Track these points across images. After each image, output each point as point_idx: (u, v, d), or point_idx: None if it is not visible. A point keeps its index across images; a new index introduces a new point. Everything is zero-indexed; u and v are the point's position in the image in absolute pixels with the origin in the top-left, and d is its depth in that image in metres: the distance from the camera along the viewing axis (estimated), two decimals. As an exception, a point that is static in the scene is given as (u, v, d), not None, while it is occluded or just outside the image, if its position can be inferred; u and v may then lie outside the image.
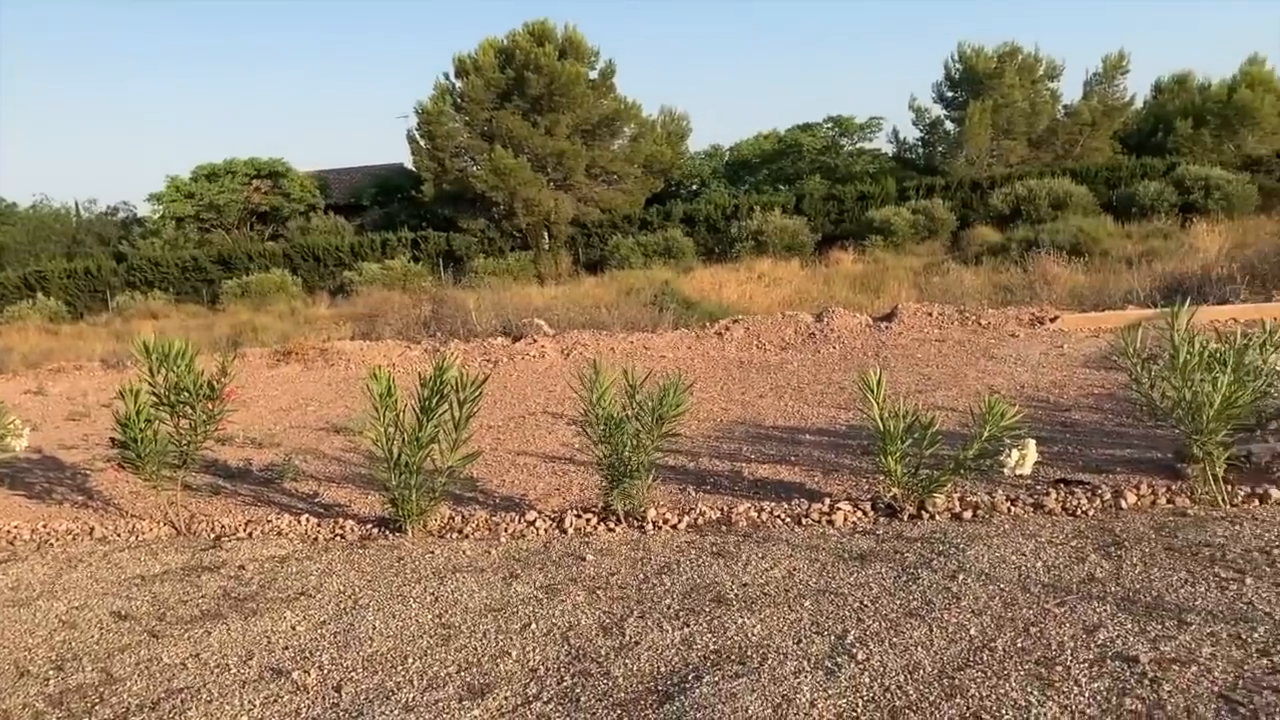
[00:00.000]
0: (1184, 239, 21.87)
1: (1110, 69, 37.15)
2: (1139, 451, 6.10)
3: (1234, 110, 36.20)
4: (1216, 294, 12.21)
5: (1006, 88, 35.27)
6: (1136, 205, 29.39)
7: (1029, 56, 36.74)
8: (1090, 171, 32.32)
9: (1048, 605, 3.78)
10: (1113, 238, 25.46)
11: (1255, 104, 35.93)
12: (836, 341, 11.21)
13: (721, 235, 31.50)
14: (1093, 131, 36.45)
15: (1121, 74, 37.31)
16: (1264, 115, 36.14)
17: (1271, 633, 3.37)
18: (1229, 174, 30.58)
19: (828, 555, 4.63)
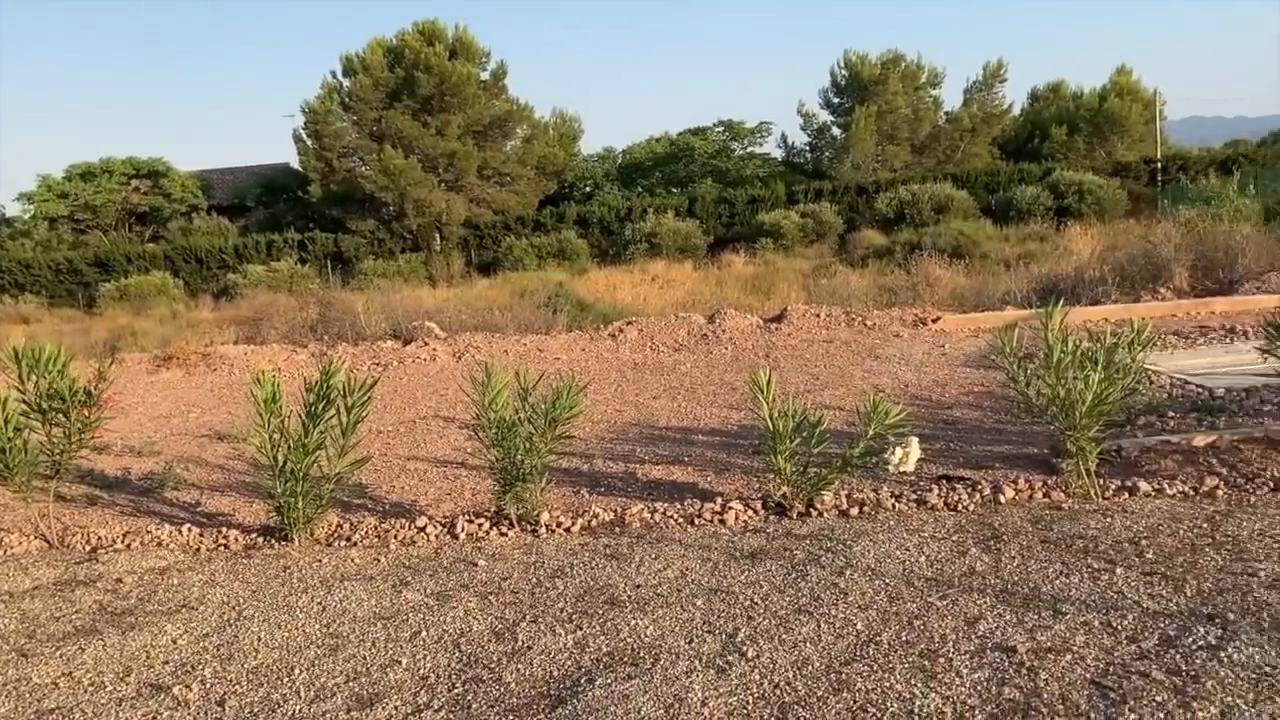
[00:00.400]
0: (1059, 242, 22.70)
1: (989, 77, 38.40)
2: (1017, 447, 6.32)
3: (1104, 118, 37.78)
4: (1089, 295, 12.73)
5: (890, 94, 36.15)
6: (1014, 209, 30.43)
7: (912, 64, 37.75)
8: (971, 176, 33.34)
9: (931, 599, 3.88)
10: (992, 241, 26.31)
11: (1124, 112, 37.57)
12: (728, 343, 11.34)
13: (615, 237, 31.56)
14: (973, 137, 37.61)
15: (1000, 82, 38.61)
16: (1132, 123, 37.82)
17: (1139, 620, 3.52)
18: (1101, 179, 31.89)
19: (720, 554, 4.67)
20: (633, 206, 32.88)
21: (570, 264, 28.70)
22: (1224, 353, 8.90)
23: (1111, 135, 37.77)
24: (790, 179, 36.85)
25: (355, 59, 32.50)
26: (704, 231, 31.62)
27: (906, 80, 37.16)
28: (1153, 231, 16.45)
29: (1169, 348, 9.36)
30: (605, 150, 46.46)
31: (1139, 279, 12.92)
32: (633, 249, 29.74)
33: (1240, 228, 13.53)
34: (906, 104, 36.55)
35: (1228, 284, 12.40)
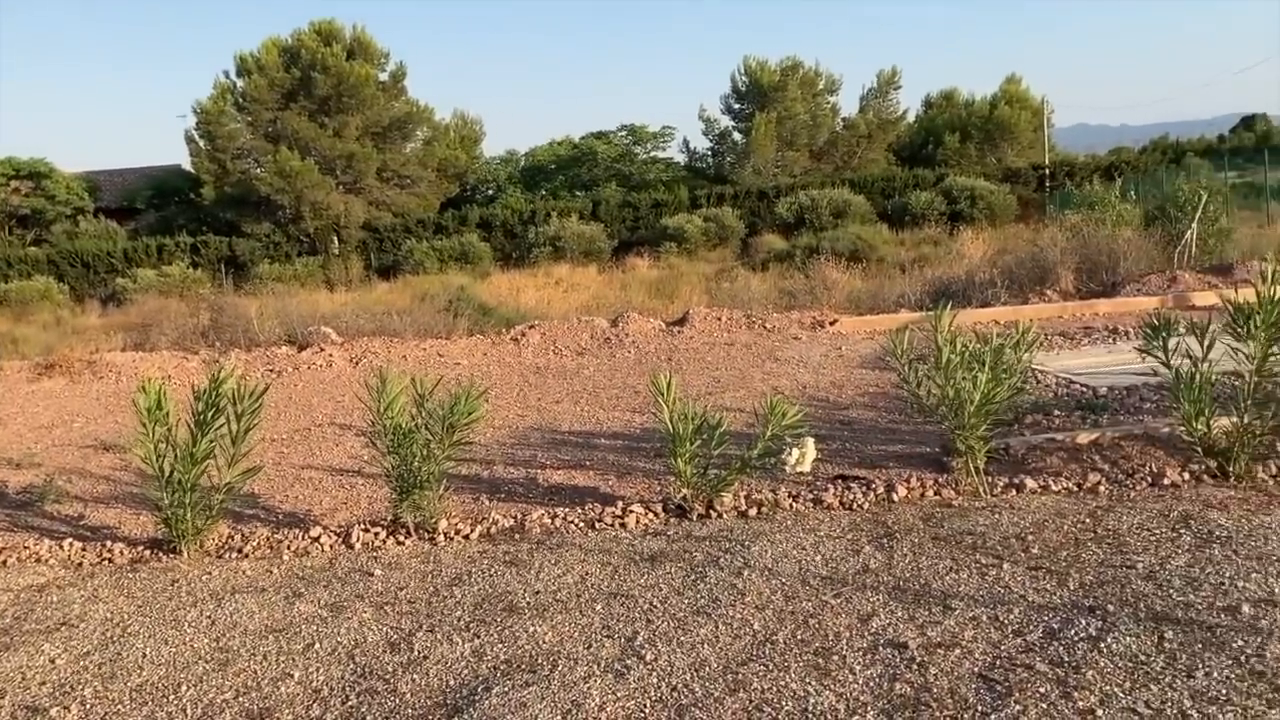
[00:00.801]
0: (952, 246, 23.27)
1: (884, 84, 39.25)
2: (910, 446, 6.46)
3: (995, 125, 38.95)
4: (979, 297, 13.10)
5: (789, 101, 36.69)
6: (910, 214, 31.17)
7: (810, 71, 38.37)
8: (868, 182, 34.04)
9: (826, 597, 3.94)
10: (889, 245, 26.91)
11: (1013, 120, 38.78)
12: (631, 346, 11.37)
13: (519, 240, 31.41)
14: (869, 144, 38.39)
15: (894, 89, 39.50)
16: (1021, 130, 39.07)
17: (1025, 614, 3.63)
18: (992, 185, 32.86)
19: (620, 558, 4.68)
20: (536, 209, 32.76)
21: (473, 267, 28.47)
22: (1107, 353, 9.24)
23: (1002, 142, 38.96)
24: (693, 183, 37.12)
25: (250, 58, 31.74)
26: (608, 235, 31.66)
27: (805, 87, 37.76)
28: (1040, 236, 17.01)
29: (1055, 348, 9.68)
30: (508, 153, 46.24)
31: (1027, 281, 13.34)
32: (536, 252, 29.64)
33: (1122, 232, 14.08)
34: (805, 110, 37.14)
35: (1110, 286, 12.89)
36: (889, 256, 24.95)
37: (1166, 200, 14.89)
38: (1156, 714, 2.86)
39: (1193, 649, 3.22)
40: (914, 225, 30.02)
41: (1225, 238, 14.43)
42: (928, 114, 42.39)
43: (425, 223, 32.02)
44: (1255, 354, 4.95)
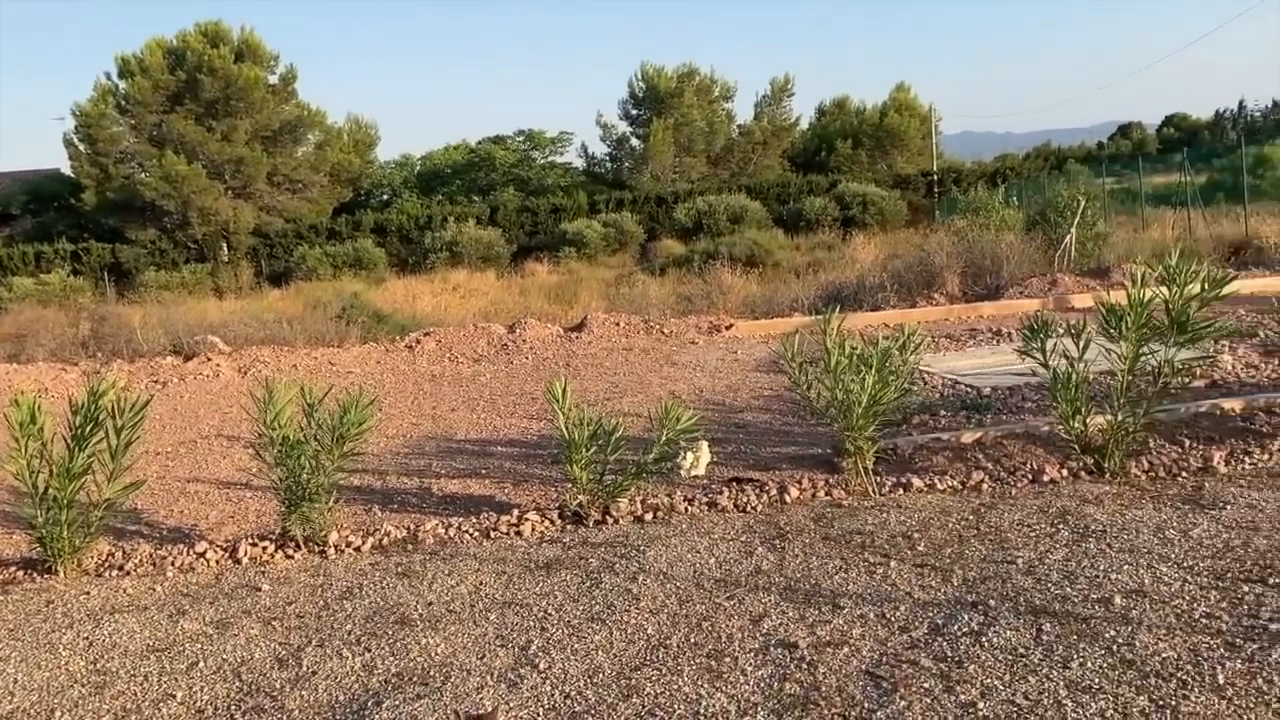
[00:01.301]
0: (845, 251, 23.75)
1: (777, 92, 39.89)
2: (803, 448, 6.56)
3: (885, 133, 39.91)
4: (870, 301, 13.40)
5: (686, 107, 37.04)
6: (804, 219, 31.75)
7: (706, 78, 38.81)
8: (763, 188, 34.55)
9: (719, 599, 3.98)
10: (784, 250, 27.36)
11: (903, 127, 39.79)
12: (529, 352, 11.32)
13: (415, 246, 31.06)
14: (764, 150, 38.98)
15: (788, 96, 40.20)
16: (910, 137, 40.13)
17: (911, 611, 3.71)
18: (883, 191, 33.67)
19: (515, 567, 4.65)
20: (433, 215, 32.44)
21: (368, 274, 28.05)
22: (990, 354, 9.53)
23: (892, 149, 39.96)
24: (592, 189, 37.21)
25: (133, 60, 30.73)
26: (507, 240, 31.53)
27: (701, 93, 38.16)
28: (928, 240, 17.47)
29: (942, 350, 9.95)
30: (403, 157, 45.69)
31: (915, 285, 13.69)
32: (433, 258, 29.33)
33: (1005, 237, 14.54)
34: (702, 117, 37.54)
35: (994, 289, 13.30)
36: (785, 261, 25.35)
37: (1047, 206, 15.43)
38: (1034, 705, 2.95)
39: (1069, 640, 3.33)
40: (809, 230, 30.58)
41: (1102, 241, 15.02)
42: (821, 121, 43.25)
43: (318, 228, 31.43)
44: (1127, 354, 5.16)
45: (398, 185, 43.05)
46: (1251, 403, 6.36)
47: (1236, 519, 4.39)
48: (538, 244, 31.88)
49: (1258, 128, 70.21)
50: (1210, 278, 5.07)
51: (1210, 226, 19.74)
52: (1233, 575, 3.76)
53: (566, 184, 40.30)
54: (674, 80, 37.75)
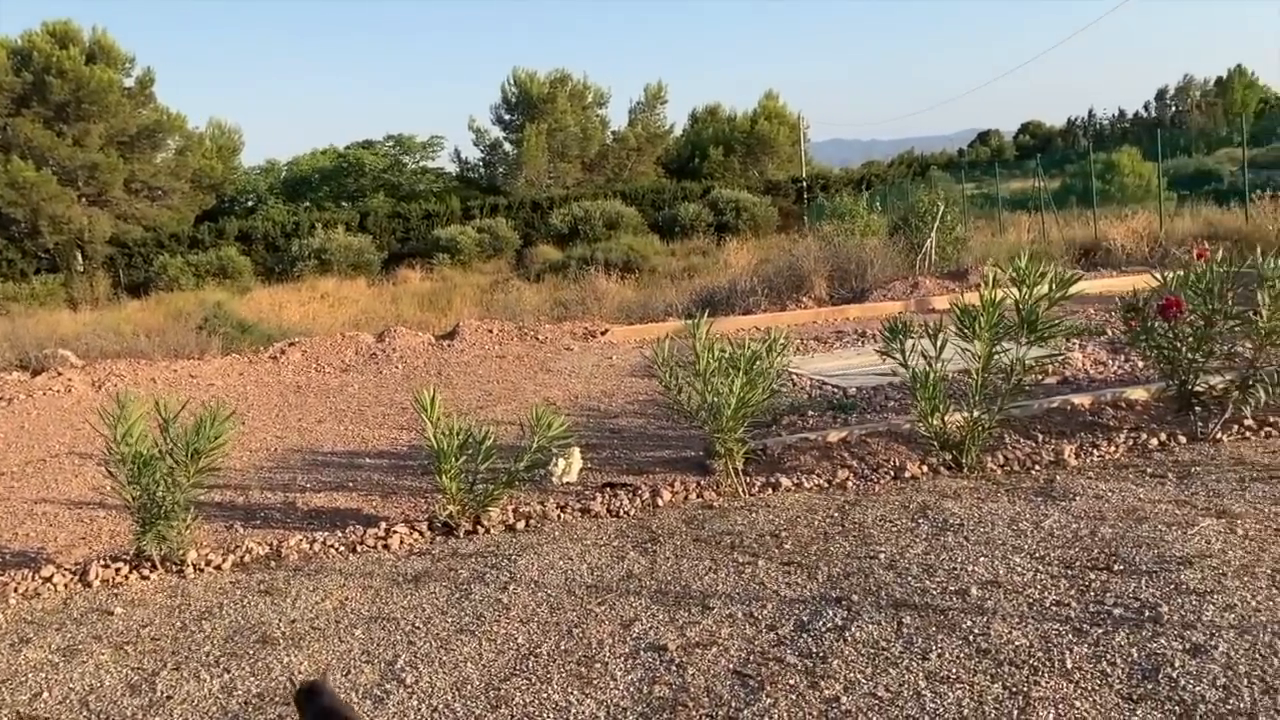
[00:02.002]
0: (719, 256, 24.04)
1: (651, 98, 40.22)
2: (676, 451, 6.61)
3: (756, 140, 40.63)
4: (742, 305, 13.60)
5: (560, 113, 37.03)
6: (679, 225, 32.06)
7: (579, 84, 38.87)
8: (639, 194, 34.76)
9: (590, 606, 3.97)
10: (660, 255, 27.59)
11: (773, 134, 40.57)
12: (399, 361, 11.12)
13: (282, 254, 30.26)
14: (639, 156, 39.25)
15: (661, 103, 40.57)
16: (780, 145, 40.94)
17: (778, 609, 3.76)
18: (755, 197, 34.25)
19: (382, 581, 4.55)
20: (300, 221, 31.65)
21: (233, 283, 27.20)
22: (856, 355, 9.77)
23: (763, 156, 40.70)
24: (466, 194, 36.88)
25: (-28, 59, 29.11)
26: (378, 247, 30.99)
27: (574, 99, 38.21)
28: (797, 246, 17.83)
29: (810, 352, 10.16)
30: (269, 163, 44.50)
31: (785, 289, 13.95)
32: (301, 266, 28.63)
33: (869, 241, 14.95)
34: (576, 122, 37.57)
35: (860, 292, 13.65)
36: (660, 266, 25.56)
37: (909, 211, 15.92)
38: (895, 696, 3.02)
39: (928, 632, 3.43)
40: (684, 236, 30.90)
41: (961, 245, 15.57)
42: (694, 128, 43.77)
43: (179, 237, 30.33)
44: (981, 353, 5.34)
45: (263, 191, 41.85)
46: (1099, 398, 6.66)
47: (1085, 509, 4.58)
48: (410, 250, 31.42)
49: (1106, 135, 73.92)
50: (1057, 279, 5.29)
51: (1063, 230, 20.67)
52: (1081, 564, 3.92)
53: (439, 189, 39.81)
54: (547, 85, 37.70)
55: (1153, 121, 74.14)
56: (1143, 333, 6.00)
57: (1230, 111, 62.15)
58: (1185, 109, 75.38)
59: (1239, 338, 5.85)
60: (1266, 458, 5.25)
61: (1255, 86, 73.57)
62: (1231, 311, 5.74)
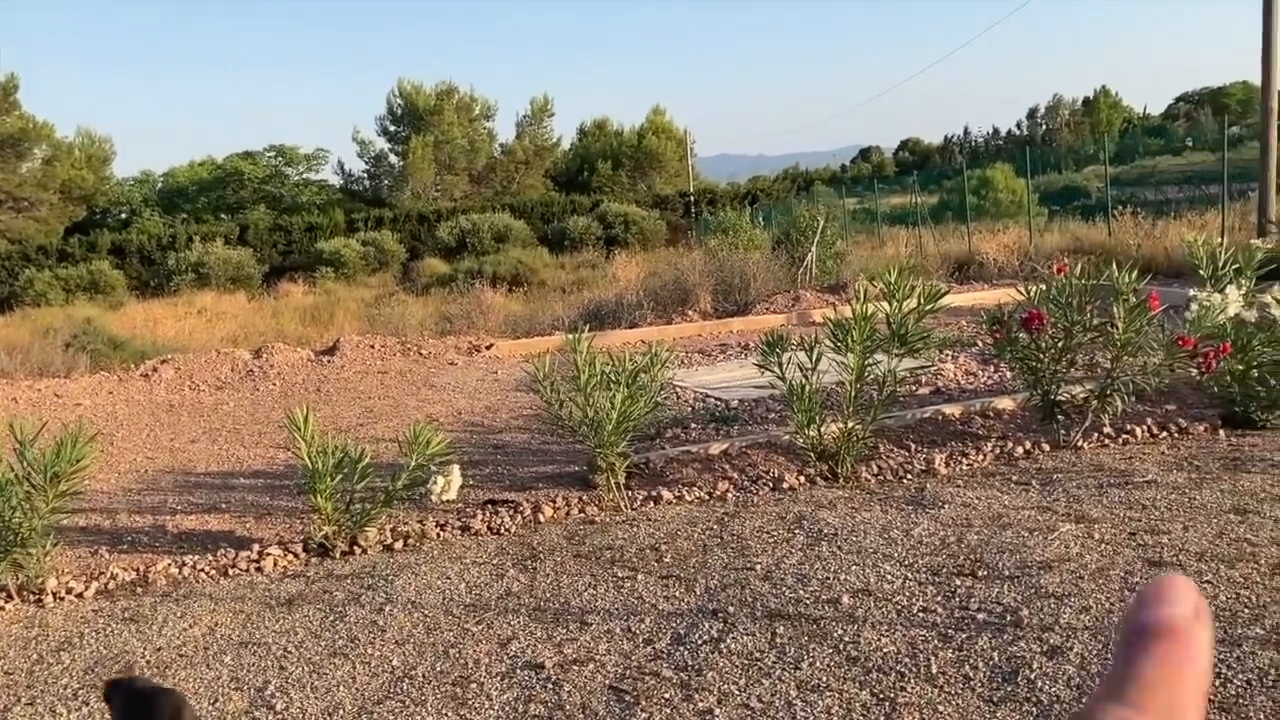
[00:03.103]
0: (608, 269, 24.09)
1: (538, 111, 40.18)
2: (560, 466, 6.59)
3: (644, 154, 40.90)
4: (629, 318, 13.66)
5: (446, 125, 36.71)
6: (569, 238, 32.05)
7: (465, 96, 38.58)
8: (527, 207, 34.65)
9: (467, 625, 3.93)
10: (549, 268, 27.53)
11: (660, 149, 40.91)
12: (277, 378, 10.85)
13: (158, 267, 29.26)
14: (527, 169, 39.14)
15: (548, 116, 40.55)
16: (668, 159, 41.30)
17: (655, 623, 3.78)
18: (643, 211, 34.44)
19: (254, 605, 4.43)
20: (177, 234, 30.67)
21: (105, 298, 26.18)
22: (739, 368, 9.89)
23: (651, 170, 41.00)
24: (350, 206, 36.22)
25: None
26: (258, 260, 30.21)
27: (461, 111, 37.92)
28: (682, 260, 18.00)
29: (694, 365, 10.26)
30: (143, 174, 42.96)
31: (671, 303, 14.06)
32: (178, 280, 27.73)
33: (753, 255, 15.18)
34: (463, 134, 37.29)
35: (743, 305, 13.85)
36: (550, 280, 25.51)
37: (791, 226, 16.22)
38: (767, 706, 3.07)
39: (800, 641, 3.49)
40: (573, 249, 30.90)
41: (840, 259, 15.93)
42: (582, 141, 43.85)
43: (47, 250, 29.06)
44: (853, 365, 5.47)
45: (137, 203, 40.39)
46: (969, 408, 6.89)
47: (953, 517, 4.73)
48: (292, 264, 30.70)
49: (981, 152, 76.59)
50: (925, 293, 5.46)
51: (939, 244, 21.30)
52: (947, 570, 4.04)
53: (322, 201, 38.99)
54: (433, 97, 37.33)
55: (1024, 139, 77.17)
56: (1008, 345, 6.22)
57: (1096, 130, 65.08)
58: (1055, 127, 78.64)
59: (1098, 348, 6.11)
60: (1123, 464, 5.50)
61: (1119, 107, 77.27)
62: (1090, 323, 5.99)
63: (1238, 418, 6.08)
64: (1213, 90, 73.69)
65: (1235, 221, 16.18)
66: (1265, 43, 14.98)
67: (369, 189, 38.91)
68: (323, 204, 38.12)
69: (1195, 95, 77.16)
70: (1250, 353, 5.96)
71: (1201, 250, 6.18)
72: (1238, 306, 5.87)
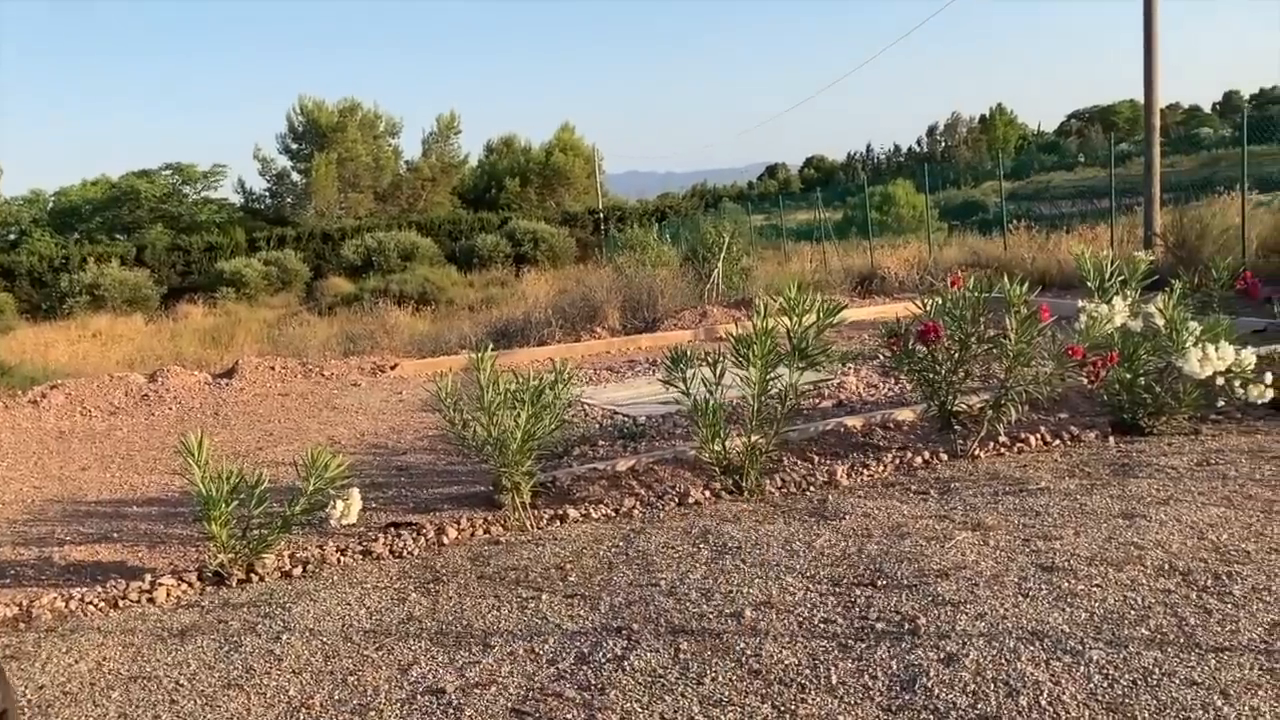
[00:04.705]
0: (518, 287, 24.02)
1: (444, 129, 39.94)
2: (465, 487, 6.52)
3: (552, 171, 40.93)
4: (538, 336, 13.62)
5: (350, 142, 36.27)
6: (477, 256, 31.87)
7: (370, 113, 38.19)
8: (435, 224, 34.38)
9: (367, 651, 3.85)
10: (458, 286, 27.34)
11: (568, 166, 40.98)
12: (174, 402, 10.54)
13: (50, 290, 28.28)
14: (434, 187, 38.86)
15: (455, 133, 40.36)
16: (576, 176, 41.38)
17: (559, 642, 3.75)
18: (552, 228, 34.45)
19: (145, 637, 4.28)
20: (70, 255, 29.69)
21: (-9, 322, 25.18)
22: (647, 384, 9.92)
23: (560, 187, 41.03)
24: (251, 225, 35.52)
25: None
26: (156, 281, 29.44)
27: (365, 128, 37.51)
28: (591, 276, 18.03)
29: (603, 382, 10.26)
30: (33, 193, 41.46)
31: (580, 320, 14.08)
32: (72, 302, 26.86)
33: (660, 272, 15.28)
34: (367, 152, 36.87)
35: (652, 322, 13.92)
36: (458, 298, 25.33)
37: (698, 242, 16.37)
38: (670, 723, 3.06)
39: (704, 656, 3.49)
40: (482, 267, 30.73)
41: (747, 275, 16.12)
42: (489, 158, 43.71)
43: (-74, 273, 27.87)
44: (755, 379, 5.53)
45: (27, 224, 38.97)
46: (870, 419, 7.01)
47: (854, 528, 4.80)
48: (192, 284, 29.97)
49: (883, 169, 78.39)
50: (824, 308, 5.54)
51: (843, 259, 21.72)
52: (848, 581, 4.10)
53: (223, 220, 38.13)
54: (336, 114, 36.82)
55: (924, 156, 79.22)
56: (905, 357, 6.35)
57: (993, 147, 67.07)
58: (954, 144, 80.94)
59: (993, 359, 6.28)
60: (1018, 471, 5.65)
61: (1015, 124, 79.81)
62: (985, 335, 6.15)
63: (1126, 424, 6.29)
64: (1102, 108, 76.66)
65: (1124, 234, 16.83)
66: (1147, 66, 15.63)
67: (271, 207, 38.18)
68: (223, 223, 37.27)
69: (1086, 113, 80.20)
70: (1136, 361, 6.18)
71: (1089, 263, 6.40)
72: (1124, 317, 6.08)
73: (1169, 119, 60.97)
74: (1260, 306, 8.35)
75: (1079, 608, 3.61)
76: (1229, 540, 4.21)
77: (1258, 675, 3.02)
